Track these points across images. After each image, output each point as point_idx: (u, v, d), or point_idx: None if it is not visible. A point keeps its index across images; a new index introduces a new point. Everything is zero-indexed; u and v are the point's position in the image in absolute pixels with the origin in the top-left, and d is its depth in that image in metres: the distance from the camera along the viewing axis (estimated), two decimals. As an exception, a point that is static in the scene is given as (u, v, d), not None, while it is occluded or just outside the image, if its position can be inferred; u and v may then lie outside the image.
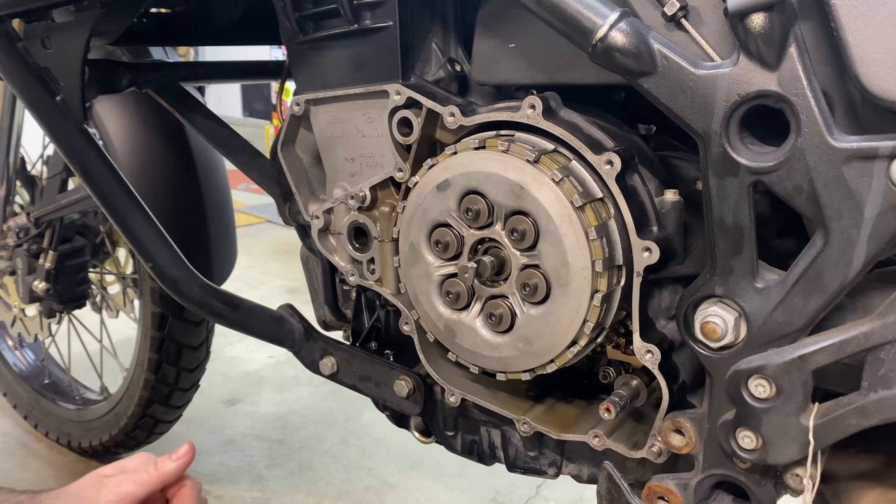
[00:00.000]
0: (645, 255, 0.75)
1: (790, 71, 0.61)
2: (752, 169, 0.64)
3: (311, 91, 0.95)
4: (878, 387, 0.63)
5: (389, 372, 1.01)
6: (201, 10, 1.39)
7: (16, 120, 1.78)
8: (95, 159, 1.13)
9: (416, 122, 0.86)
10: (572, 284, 0.76)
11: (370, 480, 1.93)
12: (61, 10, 1.08)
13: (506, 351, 0.83)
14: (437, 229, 0.85)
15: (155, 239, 1.12)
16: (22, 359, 2.13)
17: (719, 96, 0.64)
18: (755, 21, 0.60)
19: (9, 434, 2.14)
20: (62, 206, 1.62)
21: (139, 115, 1.58)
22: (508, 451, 0.99)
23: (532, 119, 0.78)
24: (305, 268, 1.13)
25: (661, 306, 0.83)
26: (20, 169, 1.84)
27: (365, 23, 0.88)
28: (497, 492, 1.87)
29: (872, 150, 0.59)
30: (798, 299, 0.66)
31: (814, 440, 0.67)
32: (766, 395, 0.68)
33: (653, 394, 0.85)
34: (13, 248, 1.72)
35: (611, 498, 0.79)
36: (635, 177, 0.79)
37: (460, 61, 0.91)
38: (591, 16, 0.67)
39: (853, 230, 0.61)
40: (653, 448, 0.80)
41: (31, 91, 1.14)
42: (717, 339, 0.71)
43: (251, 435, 2.17)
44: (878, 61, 0.57)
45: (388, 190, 0.94)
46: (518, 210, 0.78)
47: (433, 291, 0.87)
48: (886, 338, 0.62)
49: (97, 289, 1.91)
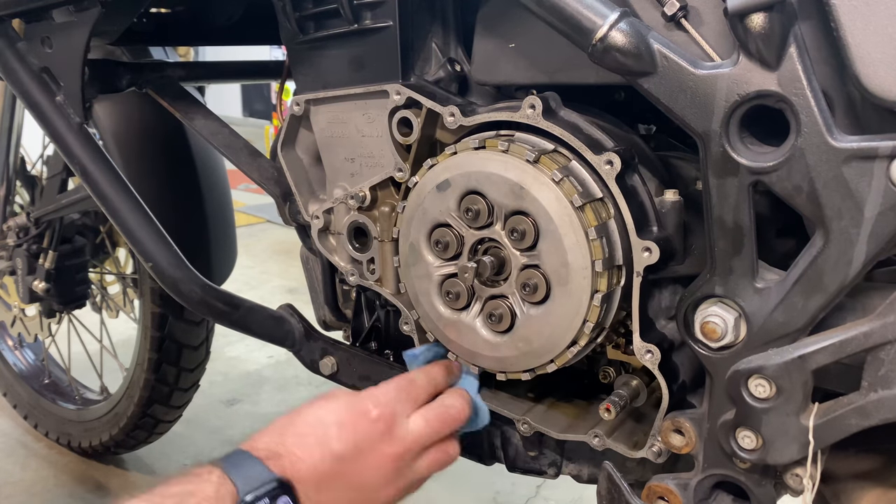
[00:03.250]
0: (645, 255, 0.75)
1: (790, 71, 0.61)
2: (752, 169, 0.64)
3: (311, 91, 0.95)
4: (878, 387, 0.63)
5: (389, 372, 1.01)
6: (201, 10, 1.39)
7: (16, 120, 1.78)
8: (95, 159, 1.13)
9: (416, 122, 0.86)
10: (572, 284, 0.76)
11: (370, 480, 1.93)
12: (61, 10, 1.08)
13: (506, 351, 0.83)
14: (437, 229, 0.85)
15: (155, 239, 1.12)
16: (22, 359, 2.13)
17: (719, 96, 0.64)
18: (755, 21, 0.60)
19: (9, 434, 2.14)
20: (62, 206, 1.62)
21: (139, 115, 1.58)
22: (508, 451, 0.99)
23: (532, 119, 0.78)
24: (305, 268, 1.13)
25: (661, 306, 0.83)
26: (20, 169, 1.84)
27: (365, 23, 0.88)
28: (497, 492, 1.87)
29: (872, 150, 0.59)
30: (798, 299, 0.66)
31: (814, 440, 0.67)
32: (766, 395, 0.68)
33: (653, 394, 0.85)
34: (13, 248, 1.72)
35: (611, 498, 0.79)
36: (635, 177, 0.79)
37: (460, 61, 0.91)
38: (591, 16, 0.67)
39: (853, 230, 0.61)
40: (653, 448, 0.80)
41: (31, 91, 1.14)
42: (717, 339, 0.71)
43: (251, 435, 2.17)
44: (878, 61, 0.57)
45: (388, 190, 0.94)
46: (518, 210, 0.78)
47: (433, 291, 0.87)
48: (886, 338, 0.62)
49: (97, 289, 1.91)
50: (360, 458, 0.75)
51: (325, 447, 0.74)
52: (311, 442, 0.74)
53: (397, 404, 0.79)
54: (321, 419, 0.76)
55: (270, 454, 0.72)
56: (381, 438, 0.77)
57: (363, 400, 0.78)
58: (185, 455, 2.07)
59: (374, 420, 0.77)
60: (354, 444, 0.75)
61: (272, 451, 0.72)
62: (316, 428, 0.75)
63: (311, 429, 0.75)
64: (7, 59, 1.14)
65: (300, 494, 0.71)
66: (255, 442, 0.75)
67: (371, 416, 0.77)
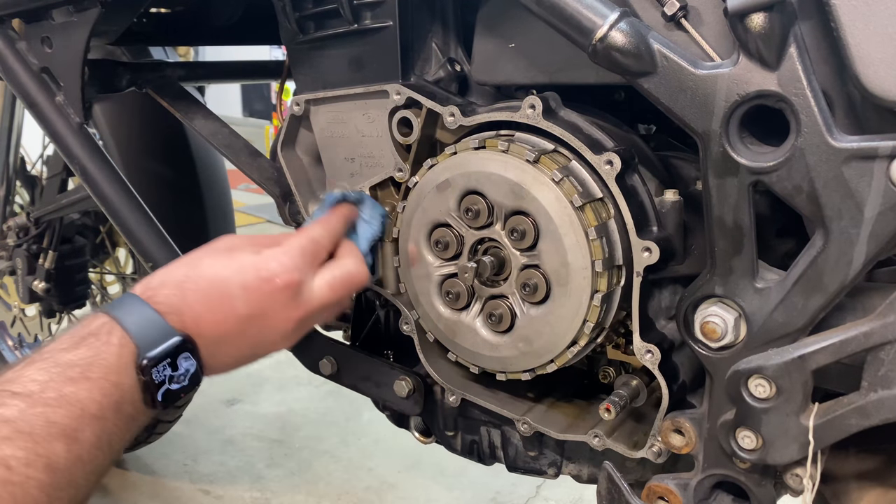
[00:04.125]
0: (645, 255, 0.75)
1: (790, 71, 0.61)
2: (752, 169, 0.64)
3: (311, 91, 0.95)
4: (878, 387, 0.63)
5: (389, 372, 1.01)
6: (201, 10, 1.39)
7: (16, 120, 1.78)
8: (95, 159, 1.13)
9: (416, 122, 0.86)
10: (572, 284, 0.76)
11: (370, 480, 1.93)
12: (61, 11, 1.08)
13: (506, 351, 0.83)
14: (437, 229, 0.85)
15: (155, 239, 1.13)
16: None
17: (719, 96, 0.64)
18: (755, 21, 0.60)
19: (9, 434, 2.14)
20: (62, 206, 1.62)
21: (139, 115, 1.58)
22: (508, 451, 0.99)
23: (532, 119, 0.78)
24: (305, 268, 1.13)
25: (661, 306, 0.83)
26: (20, 169, 1.84)
27: (365, 23, 0.88)
28: (497, 492, 1.87)
29: (872, 150, 0.59)
30: (798, 299, 0.66)
31: (814, 440, 0.67)
32: (766, 395, 0.68)
33: (653, 394, 0.85)
34: (13, 248, 1.72)
35: (611, 498, 0.79)
36: (635, 177, 0.79)
37: (460, 61, 0.91)
38: (591, 15, 0.67)
39: (853, 230, 0.61)
40: (653, 448, 0.80)
41: (31, 91, 1.14)
42: (717, 339, 0.71)
43: (251, 435, 2.17)
44: (878, 61, 0.57)
45: (388, 190, 0.94)
46: (518, 210, 0.78)
47: (433, 291, 0.87)
48: (886, 338, 0.62)
49: (97, 289, 1.91)
50: (263, 321, 0.76)
51: (228, 308, 0.74)
52: (214, 301, 0.73)
53: (302, 268, 0.78)
54: (226, 280, 0.74)
55: (171, 309, 0.71)
56: (285, 304, 0.77)
57: (268, 262, 0.77)
58: (185, 455, 2.07)
59: (280, 288, 0.76)
60: (259, 308, 0.75)
61: (173, 307, 0.71)
62: (220, 288, 0.74)
63: (214, 288, 0.74)
64: (7, 59, 1.14)
65: (201, 351, 0.72)
66: (154, 293, 0.72)
67: (276, 283, 0.76)
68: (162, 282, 0.74)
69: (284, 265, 0.77)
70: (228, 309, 0.74)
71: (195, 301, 0.73)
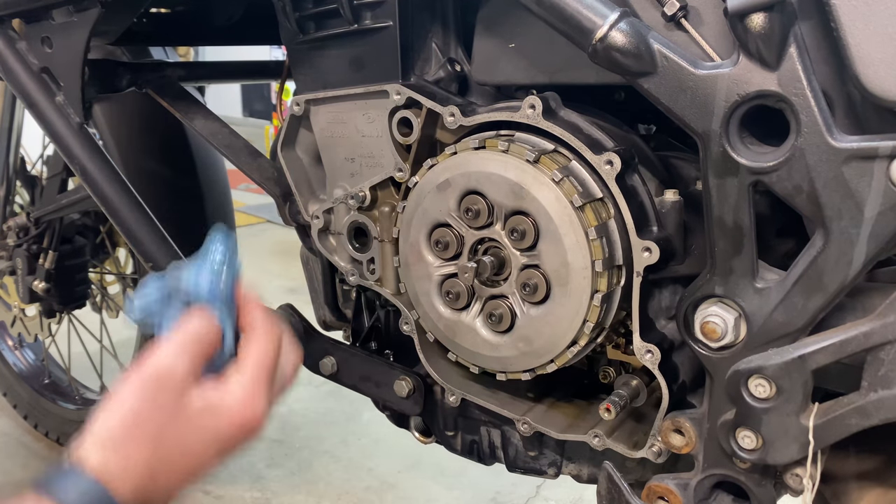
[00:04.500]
0: (645, 255, 0.75)
1: (790, 71, 0.61)
2: (752, 169, 0.64)
3: (311, 91, 0.95)
4: (878, 387, 0.63)
5: (389, 372, 1.01)
6: (201, 10, 1.39)
7: (16, 120, 1.78)
8: (95, 159, 1.14)
9: (416, 122, 0.86)
10: (572, 284, 0.76)
11: (370, 480, 1.93)
12: (61, 10, 1.08)
13: (506, 351, 0.83)
14: (437, 229, 0.85)
15: (155, 239, 1.13)
16: (22, 359, 2.13)
17: (719, 96, 0.64)
18: (755, 21, 0.60)
19: (9, 434, 2.14)
20: (62, 206, 1.62)
21: (139, 115, 1.58)
22: (508, 451, 0.99)
23: (532, 119, 0.78)
24: (305, 268, 1.13)
25: (661, 306, 0.83)
26: (20, 169, 1.84)
27: (365, 23, 0.88)
28: (497, 492, 1.87)
29: (872, 150, 0.59)
30: (798, 299, 0.66)
31: (814, 440, 0.67)
32: (766, 395, 0.68)
33: (653, 394, 0.85)
34: (13, 248, 1.72)
35: (611, 498, 0.79)
36: (635, 177, 0.79)
37: (460, 61, 0.91)
38: (591, 16, 0.67)
39: (853, 230, 0.61)
40: (653, 448, 0.80)
41: (31, 91, 1.14)
42: (717, 339, 0.71)
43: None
44: (878, 61, 0.57)
45: (388, 190, 0.94)
46: (518, 210, 0.78)
47: (433, 291, 0.87)
48: (886, 338, 0.62)
49: (97, 289, 1.91)
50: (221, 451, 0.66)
51: (199, 468, 0.64)
52: (189, 475, 0.63)
53: (267, 394, 0.67)
54: (203, 453, 0.64)
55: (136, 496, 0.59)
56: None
57: (243, 410, 0.65)
58: (185, 455, 2.07)
59: (260, 427, 0.66)
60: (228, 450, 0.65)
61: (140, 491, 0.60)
62: (198, 464, 0.63)
63: (191, 467, 0.63)
64: (7, 59, 1.14)
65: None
66: (111, 479, 0.59)
67: (258, 427, 0.65)
68: (124, 468, 0.60)
69: (263, 410, 0.66)
70: (199, 469, 0.64)
71: (166, 484, 0.62)
